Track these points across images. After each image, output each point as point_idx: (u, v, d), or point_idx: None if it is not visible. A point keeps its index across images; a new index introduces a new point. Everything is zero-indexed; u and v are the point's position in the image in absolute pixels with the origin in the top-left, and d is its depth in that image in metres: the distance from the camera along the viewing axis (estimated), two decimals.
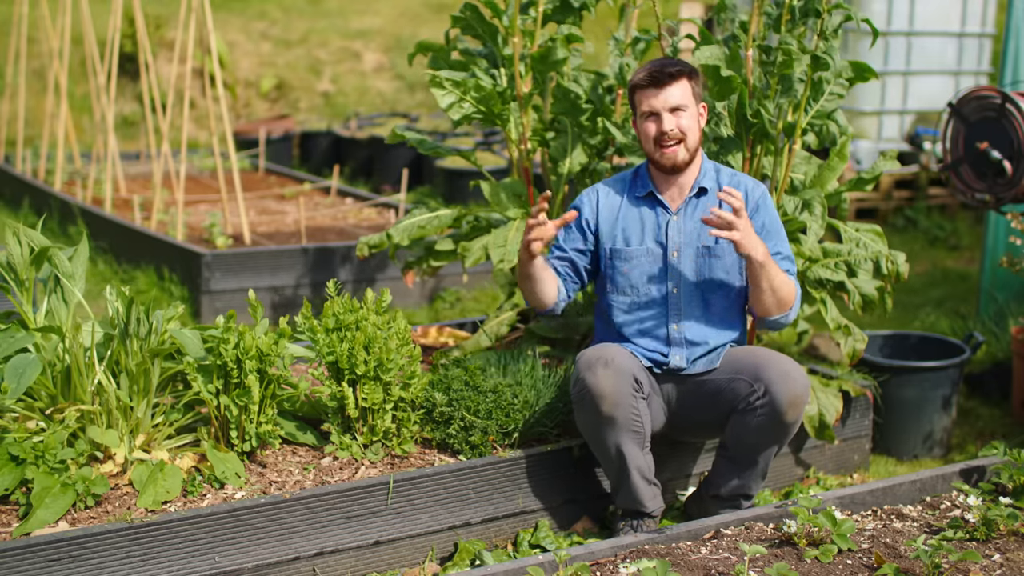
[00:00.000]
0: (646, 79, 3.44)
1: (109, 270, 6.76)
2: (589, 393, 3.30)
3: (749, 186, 3.55)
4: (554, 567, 2.81)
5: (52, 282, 3.39)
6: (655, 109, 3.44)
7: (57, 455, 3.05)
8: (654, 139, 3.46)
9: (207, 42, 6.65)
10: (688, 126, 3.45)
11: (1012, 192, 4.78)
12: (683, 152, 3.46)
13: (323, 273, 6.24)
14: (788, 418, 3.34)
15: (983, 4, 8.71)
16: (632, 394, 3.32)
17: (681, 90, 3.43)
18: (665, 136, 3.43)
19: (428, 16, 14.05)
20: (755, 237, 3.33)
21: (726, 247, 3.48)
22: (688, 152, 3.47)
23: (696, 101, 3.48)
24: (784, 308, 3.46)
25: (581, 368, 3.35)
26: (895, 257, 4.00)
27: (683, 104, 3.43)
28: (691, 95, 3.45)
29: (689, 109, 3.45)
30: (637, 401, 3.34)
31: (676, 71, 3.42)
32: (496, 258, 4.11)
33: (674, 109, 3.43)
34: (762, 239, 3.44)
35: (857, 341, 4.02)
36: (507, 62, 4.32)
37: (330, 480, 3.32)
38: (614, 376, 3.29)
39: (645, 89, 3.44)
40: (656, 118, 3.45)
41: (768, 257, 3.35)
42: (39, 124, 9.66)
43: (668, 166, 3.49)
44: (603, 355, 3.34)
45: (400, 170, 8.73)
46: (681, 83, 3.43)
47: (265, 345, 3.31)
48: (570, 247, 3.61)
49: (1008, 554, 2.89)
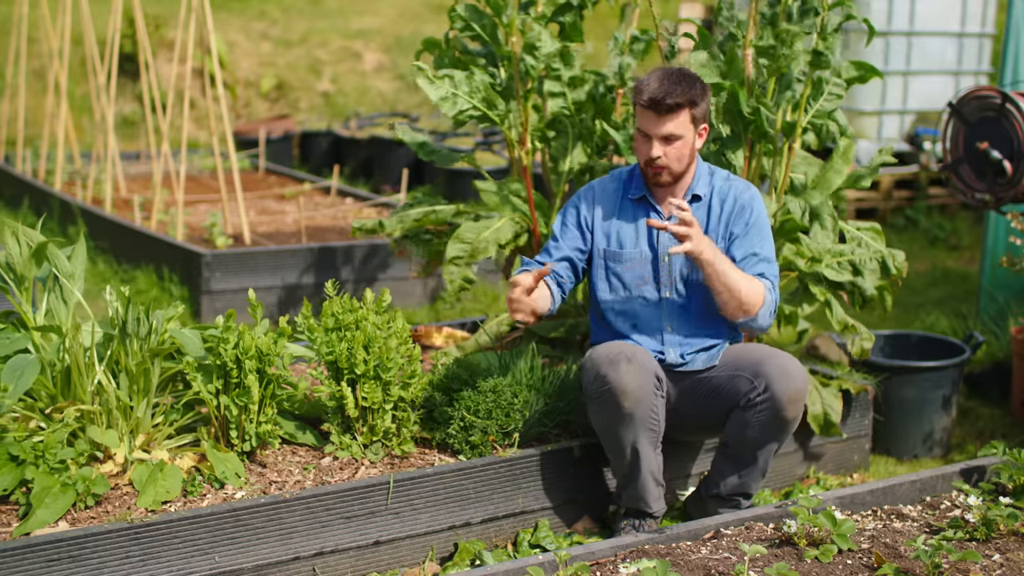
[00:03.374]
0: (646, 103, 3.38)
1: (109, 270, 6.76)
2: (611, 389, 3.29)
3: (739, 188, 3.54)
4: (554, 567, 2.81)
5: (51, 282, 3.39)
6: (648, 132, 3.42)
7: (57, 455, 3.05)
8: (643, 158, 3.46)
9: (207, 42, 6.65)
10: (677, 155, 3.43)
11: (1012, 192, 4.78)
12: (666, 176, 3.46)
13: (323, 273, 6.23)
14: (788, 414, 3.34)
15: (983, 4, 8.71)
16: (654, 391, 3.32)
17: (678, 121, 3.39)
18: (654, 161, 3.43)
19: (428, 16, 14.05)
20: (704, 239, 3.30)
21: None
22: (672, 175, 3.47)
23: (695, 125, 3.44)
24: (749, 311, 3.40)
25: (602, 364, 3.32)
26: (895, 255, 4.00)
27: (677, 134, 3.40)
28: (689, 123, 3.41)
29: (685, 137, 3.42)
30: (657, 399, 3.34)
31: (676, 104, 3.36)
32: (452, 253, 4.06)
33: (666, 139, 3.41)
34: (742, 237, 3.45)
35: (864, 339, 4.03)
36: (506, 61, 4.32)
37: (330, 480, 3.32)
38: (638, 372, 3.28)
39: (644, 110, 3.41)
40: (648, 140, 3.43)
41: (718, 257, 3.32)
42: (39, 124, 9.66)
43: (651, 184, 3.52)
44: (624, 351, 3.32)
45: (400, 170, 8.73)
46: (681, 114, 3.38)
47: (265, 345, 3.31)
48: (569, 246, 3.60)
49: (1008, 554, 2.89)
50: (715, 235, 3.49)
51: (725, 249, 3.48)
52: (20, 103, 8.71)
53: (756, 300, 3.40)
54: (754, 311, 3.41)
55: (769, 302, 3.43)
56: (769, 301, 3.43)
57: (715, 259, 3.32)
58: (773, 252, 3.53)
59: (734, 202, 3.50)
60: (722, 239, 3.49)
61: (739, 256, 3.46)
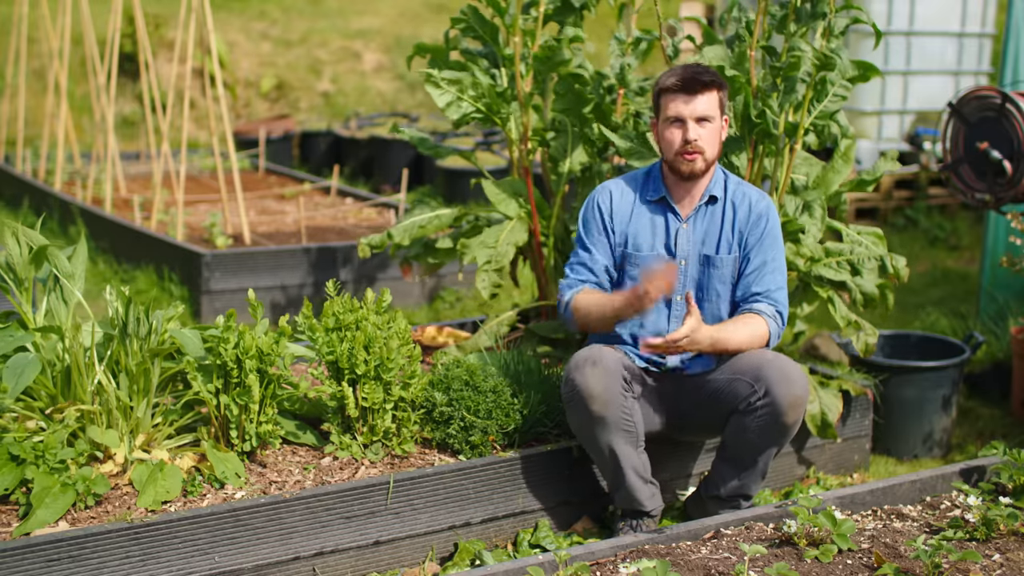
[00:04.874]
0: (678, 84, 3.39)
1: (109, 270, 6.76)
2: (578, 393, 3.30)
3: (754, 198, 3.52)
4: (554, 567, 2.81)
5: (51, 282, 3.39)
6: (682, 116, 3.40)
7: (57, 455, 3.05)
8: (677, 146, 3.44)
9: (207, 42, 6.65)
10: (711, 139, 3.43)
11: (1012, 192, 4.78)
12: (701, 162, 3.44)
13: (323, 273, 6.24)
14: (788, 419, 3.34)
15: (983, 4, 8.71)
16: (622, 393, 3.32)
17: (710, 101, 3.40)
18: (688, 145, 3.41)
19: (428, 16, 14.05)
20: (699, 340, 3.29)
21: (725, 258, 3.48)
22: (706, 163, 3.45)
23: (722, 113, 3.45)
24: (760, 345, 3.45)
25: (570, 369, 3.35)
26: (896, 260, 4.01)
27: (710, 115, 3.40)
28: (718, 106, 3.42)
29: (715, 121, 3.42)
30: (627, 400, 3.34)
31: (709, 81, 3.38)
32: (482, 259, 4.10)
33: (701, 119, 3.40)
34: (756, 247, 3.47)
35: (868, 336, 4.03)
36: (508, 62, 4.32)
37: (330, 480, 3.32)
38: (603, 375, 3.29)
39: (675, 94, 3.40)
40: (682, 125, 3.41)
41: (715, 339, 3.33)
42: (39, 124, 9.66)
43: (686, 173, 3.47)
44: (591, 355, 3.34)
45: (400, 170, 8.73)
46: (712, 94, 3.40)
47: (265, 345, 3.31)
48: (603, 254, 3.57)
49: (1008, 554, 2.89)
50: (728, 241, 3.48)
51: (739, 257, 3.49)
52: (20, 103, 8.71)
53: (760, 344, 3.45)
54: (764, 344, 3.46)
55: (774, 331, 3.47)
56: (774, 330, 3.47)
57: (716, 342, 3.34)
58: (784, 261, 3.54)
59: (749, 211, 3.50)
60: (736, 246, 3.49)
61: (753, 266, 3.48)
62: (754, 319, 3.44)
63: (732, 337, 3.38)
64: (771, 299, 3.47)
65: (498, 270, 4.17)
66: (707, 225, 3.51)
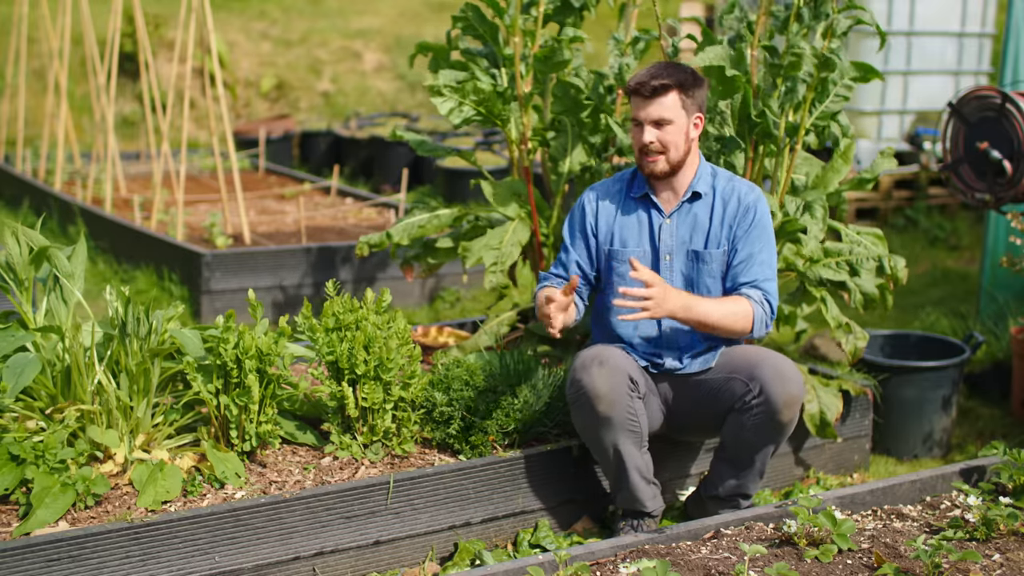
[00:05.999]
0: (634, 87, 3.41)
1: (109, 270, 6.76)
2: (585, 393, 3.30)
3: (743, 191, 3.51)
4: (554, 567, 2.81)
5: (51, 282, 3.39)
6: (639, 118, 3.43)
7: (57, 455, 3.05)
8: (637, 148, 3.46)
9: (207, 42, 6.65)
10: (671, 140, 3.41)
11: (1012, 192, 4.78)
12: (663, 163, 3.44)
13: (323, 273, 6.24)
14: (784, 417, 3.34)
15: (983, 4, 8.71)
16: (628, 393, 3.32)
17: (666, 104, 3.38)
18: (644, 147, 3.43)
19: (428, 16, 14.05)
20: (670, 299, 3.26)
21: (714, 253, 3.48)
22: (669, 164, 3.45)
23: (689, 112, 3.42)
24: (744, 331, 3.40)
25: (576, 368, 3.35)
26: (895, 262, 4.00)
27: (668, 118, 3.39)
28: (680, 107, 3.40)
29: (676, 122, 3.40)
30: (633, 400, 3.34)
31: (662, 85, 3.37)
32: (489, 261, 4.11)
33: (657, 122, 3.40)
34: (743, 238, 3.44)
35: (858, 339, 4.02)
36: (508, 62, 4.32)
37: (330, 480, 3.32)
38: (609, 375, 3.29)
39: (634, 96, 3.43)
40: (639, 127, 3.44)
41: (689, 308, 3.30)
42: (39, 124, 9.66)
43: (647, 174, 3.50)
44: (598, 355, 3.34)
45: (400, 170, 8.73)
46: (669, 96, 3.38)
47: (265, 345, 3.31)
48: (581, 255, 3.59)
49: (1008, 554, 2.89)
50: (716, 236, 3.48)
51: (727, 251, 3.48)
52: (20, 103, 8.71)
53: (745, 324, 3.39)
54: (747, 331, 3.41)
55: (760, 315, 3.41)
56: (759, 314, 3.41)
57: (689, 311, 3.31)
58: (774, 255, 3.50)
59: (738, 203, 3.49)
60: (725, 240, 3.48)
61: (740, 257, 3.46)
62: (738, 299, 3.42)
63: (710, 308, 3.34)
64: (759, 287, 3.45)
65: (503, 271, 4.18)
66: (693, 220, 3.50)
